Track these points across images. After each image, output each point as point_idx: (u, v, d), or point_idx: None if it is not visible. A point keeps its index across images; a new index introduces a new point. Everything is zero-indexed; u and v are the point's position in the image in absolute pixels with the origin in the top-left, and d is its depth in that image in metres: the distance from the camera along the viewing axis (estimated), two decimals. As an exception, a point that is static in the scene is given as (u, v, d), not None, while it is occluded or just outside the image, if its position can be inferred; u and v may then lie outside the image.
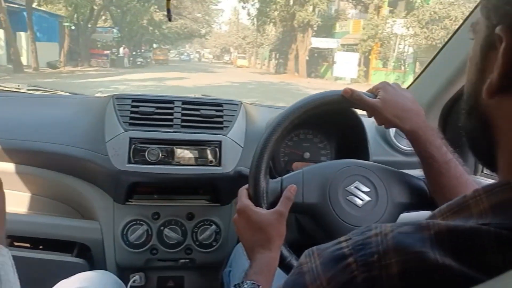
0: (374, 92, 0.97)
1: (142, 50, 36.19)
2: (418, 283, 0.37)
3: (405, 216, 0.97)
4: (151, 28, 38.12)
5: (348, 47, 27.02)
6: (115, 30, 31.97)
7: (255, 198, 0.91)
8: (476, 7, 1.15)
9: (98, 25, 30.15)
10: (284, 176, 0.96)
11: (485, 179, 1.37)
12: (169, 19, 1.25)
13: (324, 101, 0.95)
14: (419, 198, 0.95)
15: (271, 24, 31.68)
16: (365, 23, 24.80)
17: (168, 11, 1.22)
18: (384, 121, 0.95)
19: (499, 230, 0.36)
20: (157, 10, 36.07)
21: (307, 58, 28.95)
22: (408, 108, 0.93)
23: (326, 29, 29.56)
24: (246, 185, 0.94)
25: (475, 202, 0.40)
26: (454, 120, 1.40)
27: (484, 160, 0.50)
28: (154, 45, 43.01)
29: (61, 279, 1.08)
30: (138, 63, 30.28)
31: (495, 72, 0.41)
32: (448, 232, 0.38)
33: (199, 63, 44.77)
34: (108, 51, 29.17)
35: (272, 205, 0.90)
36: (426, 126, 0.91)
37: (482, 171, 1.43)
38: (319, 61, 31.12)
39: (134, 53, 31.84)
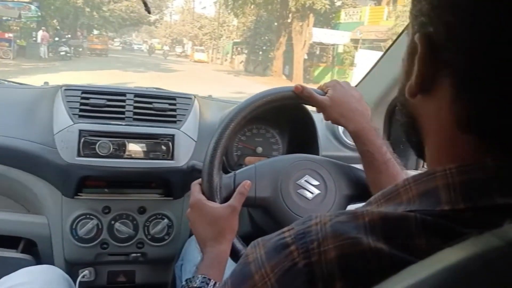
0: (324, 89, 1.01)
1: (68, 36, 26.77)
2: (354, 266, 0.39)
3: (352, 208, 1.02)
4: (87, 9, 30.86)
5: (367, 44, 19.67)
6: (33, 7, 22.93)
7: (209, 193, 0.92)
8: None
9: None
10: (237, 171, 0.98)
11: None
12: (148, 12, 1.20)
13: (276, 97, 0.98)
14: (365, 190, 0.99)
15: (249, 7, 24.17)
16: (400, 10, 17.14)
17: (145, 4, 1.17)
18: (331, 118, 0.99)
19: (424, 216, 0.39)
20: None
21: (305, 56, 23.19)
22: (353, 108, 0.97)
23: (325, 19, 23.60)
24: (199, 180, 0.95)
25: (405, 190, 0.44)
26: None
27: (417, 152, 0.53)
28: (95, 32, 34.65)
29: (5, 275, 1.05)
30: (62, 53, 21.90)
31: (413, 75, 0.45)
32: (380, 219, 0.41)
33: (148, 57, 35.45)
34: (11, 35, 20.47)
35: (225, 200, 0.92)
36: (369, 127, 0.96)
37: (423, 166, 1.51)
38: (312, 60, 24.71)
39: (56, 39, 23.14)
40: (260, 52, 29.80)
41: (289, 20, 22.49)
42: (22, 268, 1.09)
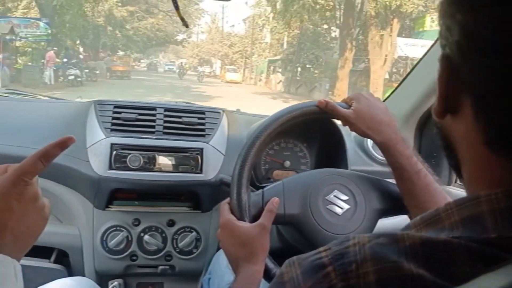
0: (348, 102, 1.00)
1: (81, 57, 22.99)
2: None
3: (382, 224, 1.00)
4: (109, 28, 27.48)
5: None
6: (41, 24, 18.75)
7: (238, 212, 0.91)
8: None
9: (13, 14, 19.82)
10: (265, 188, 0.97)
11: (458, 189, 1.41)
12: (186, 26, 1.23)
13: (301, 112, 0.97)
14: (395, 203, 0.97)
15: (293, 19, 18.94)
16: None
17: (182, 19, 1.19)
18: (357, 131, 0.98)
19: (469, 243, 0.38)
20: (118, 3, 26.49)
21: (387, 75, 17.76)
22: (379, 119, 0.96)
23: (402, 26, 18.15)
24: (228, 199, 0.95)
25: (447, 215, 0.42)
26: (429, 132, 1.45)
27: (456, 173, 0.52)
28: (120, 53, 30.44)
29: (38, 286, 1.06)
30: (71, 77, 17.64)
31: (436, 96, 0.45)
32: (422, 244, 0.40)
33: (178, 79, 30.31)
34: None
35: (254, 218, 0.91)
36: (397, 137, 0.94)
37: (455, 182, 1.47)
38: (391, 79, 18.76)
39: (65, 60, 18.51)
40: (300, 70, 26.14)
41: (354, 31, 18.22)
42: (54, 278, 1.11)
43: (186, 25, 1.18)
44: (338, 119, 1.01)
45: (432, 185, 0.90)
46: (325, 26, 23.84)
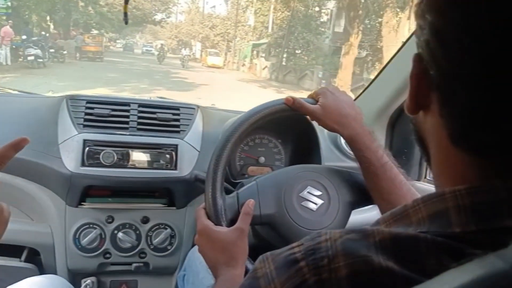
0: (315, 97, 1.01)
1: (47, 35, 20.46)
2: (364, 284, 0.40)
3: (355, 219, 1.02)
4: (81, 3, 25.09)
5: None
6: None
7: (214, 217, 0.91)
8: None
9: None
10: (239, 190, 0.97)
11: (427, 185, 1.45)
12: (126, 22, 1.20)
13: (269, 111, 0.97)
14: (366, 194, 0.98)
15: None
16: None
17: (125, 14, 1.16)
18: (324, 126, 0.99)
19: (435, 237, 0.39)
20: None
21: None
22: (346, 113, 0.97)
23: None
24: (203, 204, 0.94)
25: (414, 211, 0.44)
26: (400, 128, 1.48)
27: (429, 166, 0.53)
28: (94, 32, 27.22)
29: (8, 285, 1.04)
30: (30, 58, 15.25)
31: (408, 92, 0.47)
32: (391, 239, 0.41)
33: (157, 64, 26.42)
34: None
35: (231, 221, 0.91)
36: (364, 131, 0.96)
37: (425, 177, 1.51)
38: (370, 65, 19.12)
39: (24, 37, 16.17)
40: (288, 56, 24.25)
41: (362, 12, 16.29)
42: (25, 277, 1.09)
43: (126, 21, 1.16)
44: (306, 115, 1.01)
45: (397, 178, 0.91)
46: (317, 9, 22.89)
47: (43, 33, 21.98)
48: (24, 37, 16.49)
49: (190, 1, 50.15)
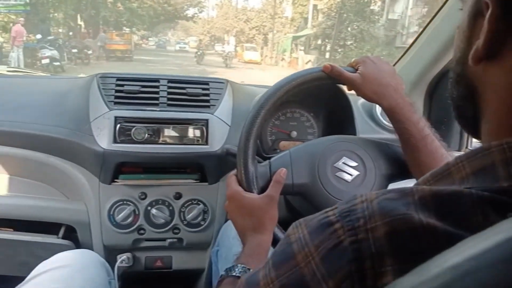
0: (354, 66, 0.97)
1: (71, 33, 19.14)
2: (404, 242, 0.37)
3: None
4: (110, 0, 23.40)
5: None
6: None
7: (246, 184, 0.90)
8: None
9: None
10: (272, 159, 0.96)
11: None
12: None
13: (306, 78, 0.94)
14: (405, 167, 0.95)
15: None
16: None
17: None
18: (363, 96, 0.95)
19: (480, 192, 0.37)
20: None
21: None
22: (386, 83, 0.93)
23: None
24: (234, 171, 0.93)
25: (457, 169, 0.41)
26: (440, 96, 1.42)
27: (469, 128, 0.51)
28: (126, 30, 25.47)
29: None
30: (45, 61, 13.00)
31: (481, 38, 0.42)
32: (432, 196, 0.39)
33: (191, 62, 24.37)
34: None
35: (262, 189, 0.90)
36: (404, 102, 0.92)
37: (466, 147, 1.45)
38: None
39: (39, 36, 14.60)
40: (337, 48, 21.48)
41: None
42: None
43: None
44: (344, 84, 0.97)
45: (438, 152, 0.87)
46: None
47: (70, 33, 21.86)
48: (38, 36, 14.68)
49: None
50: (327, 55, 22.52)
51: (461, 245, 0.33)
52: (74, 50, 16.94)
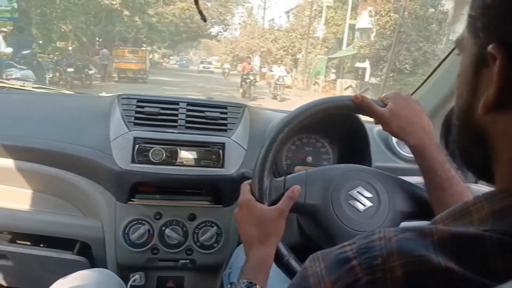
0: (384, 101, 0.98)
1: (39, 42, 15.33)
2: (422, 285, 0.37)
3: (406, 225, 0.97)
4: (126, 12, 20.84)
5: None
6: None
7: (258, 194, 0.91)
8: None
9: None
10: (288, 176, 0.97)
11: (485, 188, 1.36)
12: (204, 20, 1.20)
13: (335, 105, 0.96)
14: (421, 208, 0.95)
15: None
16: None
17: (200, 13, 1.16)
18: (390, 131, 0.96)
19: (501, 236, 0.36)
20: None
21: None
22: (413, 121, 0.93)
23: None
24: (249, 181, 0.95)
25: (476, 209, 0.41)
26: None
27: (478, 172, 0.50)
28: (145, 48, 21.91)
29: (62, 277, 1.08)
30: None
31: (490, 89, 0.42)
32: (451, 238, 0.38)
33: (221, 85, 21.87)
34: None
35: (274, 203, 0.91)
36: (431, 141, 0.92)
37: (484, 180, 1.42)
38: None
39: (25, 52, 10.26)
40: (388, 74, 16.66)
41: None
42: (77, 269, 1.12)
43: (204, 19, 1.15)
44: (371, 117, 0.98)
45: (464, 193, 0.87)
46: (431, 10, 17.01)
47: (70, 48, 19.09)
48: (8, 50, 10.78)
49: (247, 15, 44.41)
50: (373, 80, 19.85)
51: None
52: (70, 70, 13.46)
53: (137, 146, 1.28)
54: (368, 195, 0.95)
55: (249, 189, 0.93)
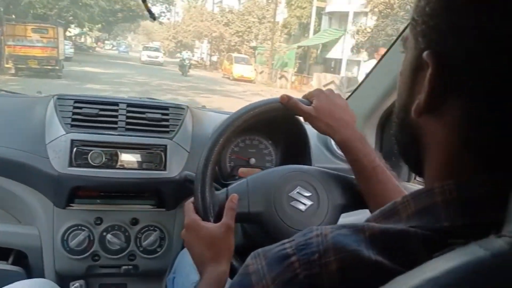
0: (309, 98, 1.00)
1: None
2: (355, 278, 0.40)
3: (344, 220, 1.01)
4: None
5: None
6: None
7: (202, 212, 0.91)
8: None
9: None
10: (230, 187, 0.97)
11: (418, 186, 1.45)
12: (154, 18, 1.16)
13: (264, 109, 0.97)
14: (356, 198, 0.98)
15: None
16: None
17: (149, 11, 1.11)
18: (317, 128, 0.99)
19: (425, 231, 0.39)
20: None
21: None
22: (338, 117, 0.97)
23: None
24: (192, 199, 0.94)
25: (404, 207, 0.44)
26: (390, 129, 1.48)
27: (412, 167, 0.54)
28: (73, 30, 19.62)
29: None
30: None
31: (422, 94, 0.44)
32: (381, 234, 0.41)
33: (176, 79, 18.61)
34: None
35: (218, 216, 0.91)
36: (356, 135, 0.95)
37: (415, 178, 1.51)
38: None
39: None
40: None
41: None
42: (13, 280, 1.08)
43: (153, 17, 1.12)
44: (299, 116, 1.01)
45: (390, 182, 0.91)
46: None
47: None
48: None
49: None
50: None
51: (393, 282, 0.36)
52: None
53: (75, 149, 1.25)
54: (307, 194, 0.97)
55: (193, 208, 0.92)
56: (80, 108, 1.32)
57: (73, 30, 21.46)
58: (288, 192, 0.97)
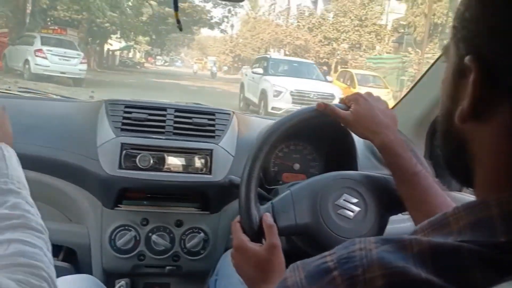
0: (347, 103, 0.98)
1: None
2: None
3: (391, 228, 0.99)
4: None
5: None
6: None
7: (250, 232, 0.90)
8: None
9: None
10: (274, 201, 0.96)
11: (470, 196, 1.38)
12: (180, 29, 1.21)
13: (302, 118, 0.97)
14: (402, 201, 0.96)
15: None
16: None
17: (178, 21, 1.16)
18: (356, 133, 0.97)
19: (480, 248, 0.37)
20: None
21: None
22: (378, 121, 0.94)
23: None
24: (238, 217, 0.94)
25: (455, 219, 0.42)
26: None
27: (460, 178, 0.51)
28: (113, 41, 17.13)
29: None
30: None
31: (465, 100, 0.43)
32: (431, 250, 0.39)
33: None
34: None
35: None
36: (396, 139, 0.92)
37: (468, 188, 1.44)
38: None
39: None
40: None
41: None
42: (62, 276, 1.11)
43: (180, 28, 1.16)
44: (338, 121, 0.99)
45: (432, 188, 0.87)
46: None
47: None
48: None
49: (249, 8, 33.62)
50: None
51: None
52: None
53: (124, 152, 1.28)
54: (354, 200, 0.96)
55: (240, 228, 0.92)
56: (130, 113, 1.36)
57: (118, 44, 18.90)
58: (334, 201, 0.95)
